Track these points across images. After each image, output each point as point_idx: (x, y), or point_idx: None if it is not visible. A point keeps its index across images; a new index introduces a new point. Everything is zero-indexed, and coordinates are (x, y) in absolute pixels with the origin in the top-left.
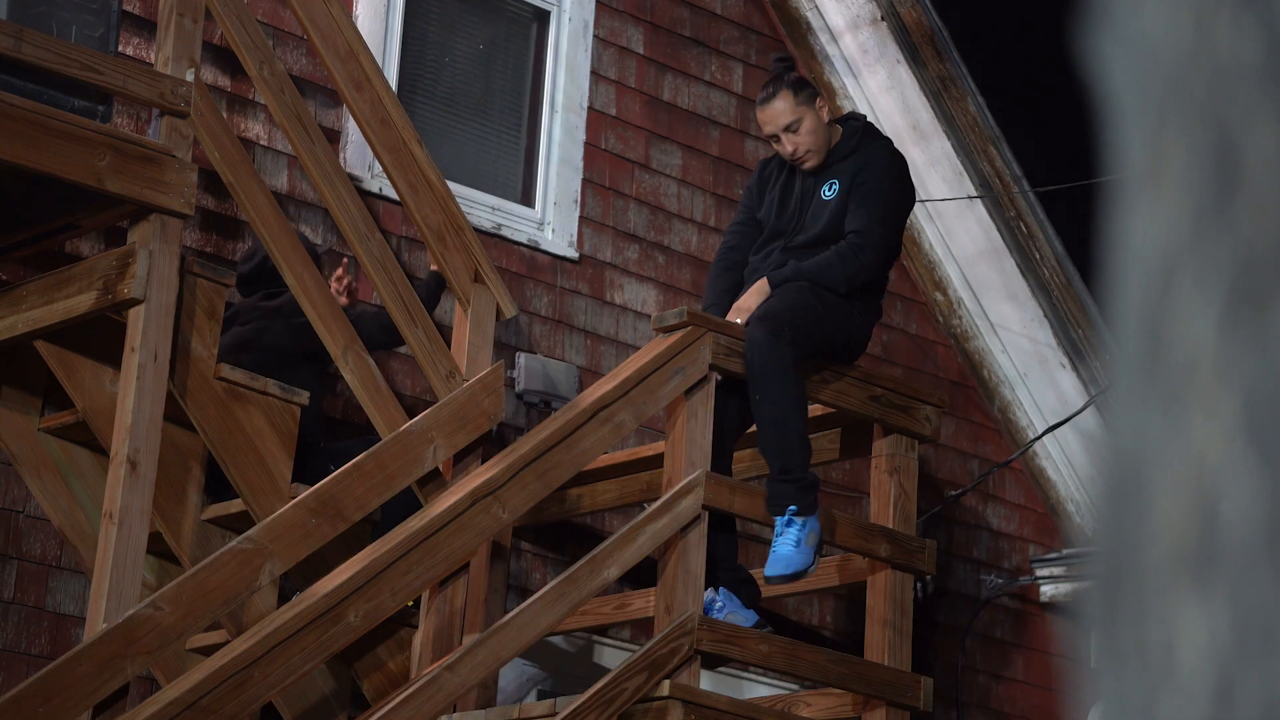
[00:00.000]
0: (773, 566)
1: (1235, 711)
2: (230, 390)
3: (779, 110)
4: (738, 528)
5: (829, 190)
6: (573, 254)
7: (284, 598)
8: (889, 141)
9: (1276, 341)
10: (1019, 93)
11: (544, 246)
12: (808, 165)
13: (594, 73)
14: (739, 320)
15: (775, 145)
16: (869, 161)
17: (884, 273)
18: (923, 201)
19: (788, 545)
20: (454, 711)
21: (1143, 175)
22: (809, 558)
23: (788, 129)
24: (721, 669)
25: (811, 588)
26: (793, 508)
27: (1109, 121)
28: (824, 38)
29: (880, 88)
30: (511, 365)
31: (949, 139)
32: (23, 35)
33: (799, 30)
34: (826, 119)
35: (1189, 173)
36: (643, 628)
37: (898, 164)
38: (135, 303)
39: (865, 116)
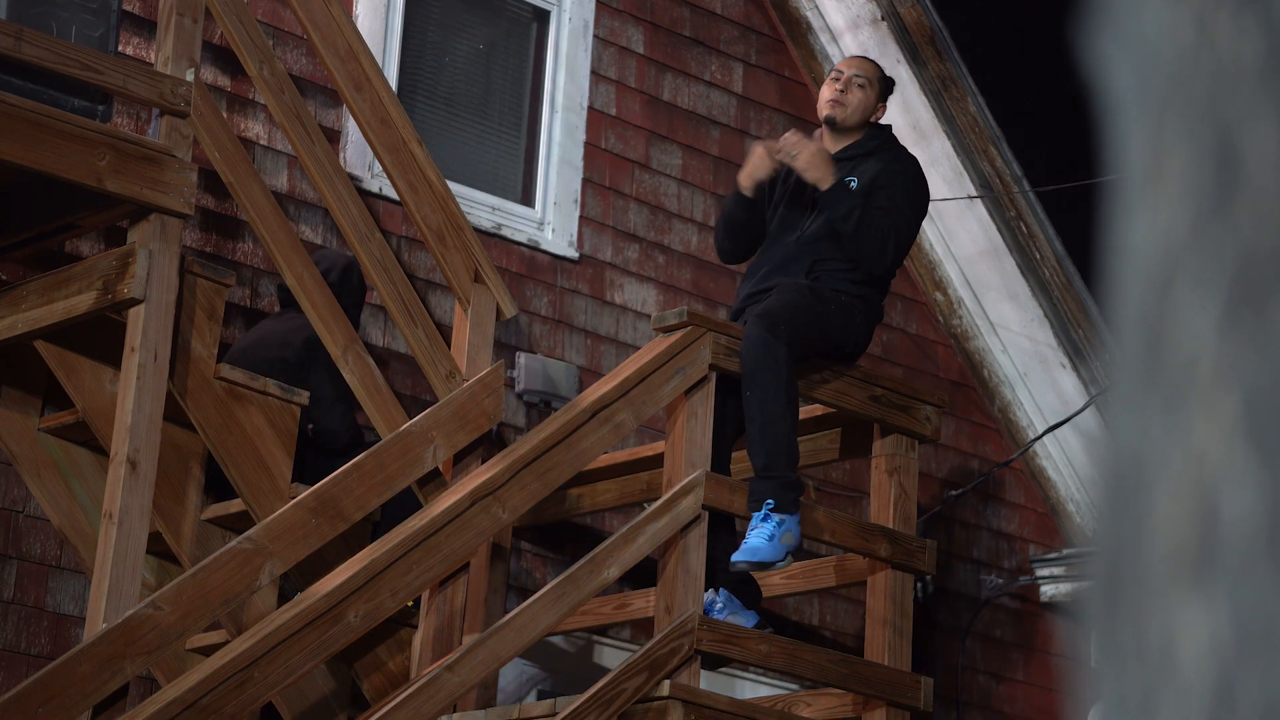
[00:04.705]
0: (740, 554)
1: (1235, 711)
2: (230, 390)
3: (865, 65)
4: (738, 528)
5: (850, 182)
6: (573, 254)
7: (284, 598)
8: (909, 153)
9: (1276, 341)
10: (1019, 92)
11: (544, 246)
12: (837, 116)
13: (594, 72)
14: (792, 149)
15: (830, 84)
16: (892, 166)
17: (891, 275)
18: None
19: (759, 538)
20: (454, 712)
21: (1143, 175)
22: (778, 552)
23: (856, 79)
24: (722, 669)
25: (811, 588)
26: (770, 503)
27: (1109, 121)
28: (824, 38)
29: None
30: (511, 365)
31: (949, 139)
32: (22, 35)
33: (799, 30)
34: (875, 115)
35: (1189, 172)
36: (643, 628)
37: (918, 174)
38: (135, 302)
39: (891, 127)
